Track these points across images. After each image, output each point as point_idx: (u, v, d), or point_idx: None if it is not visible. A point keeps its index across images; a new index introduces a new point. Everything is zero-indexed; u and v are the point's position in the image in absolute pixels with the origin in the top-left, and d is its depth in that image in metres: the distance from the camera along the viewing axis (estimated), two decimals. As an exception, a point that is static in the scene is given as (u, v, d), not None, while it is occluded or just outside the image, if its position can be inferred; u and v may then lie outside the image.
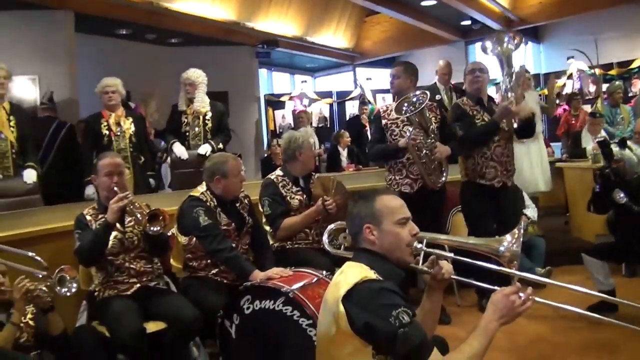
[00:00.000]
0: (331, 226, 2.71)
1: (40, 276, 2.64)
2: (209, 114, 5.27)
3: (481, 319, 1.84)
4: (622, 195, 4.01)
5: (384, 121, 4.27)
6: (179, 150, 5.17)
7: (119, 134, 4.88)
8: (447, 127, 4.29)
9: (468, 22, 9.97)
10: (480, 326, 1.80)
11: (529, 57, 11.07)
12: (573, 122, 7.62)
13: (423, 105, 3.94)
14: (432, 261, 2.06)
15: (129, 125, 4.92)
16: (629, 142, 4.23)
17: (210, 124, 5.27)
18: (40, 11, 6.36)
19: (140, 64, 7.99)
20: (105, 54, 7.59)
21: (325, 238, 2.62)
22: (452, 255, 2.17)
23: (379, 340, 1.75)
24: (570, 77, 9.48)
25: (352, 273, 1.88)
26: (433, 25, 9.79)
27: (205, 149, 5.13)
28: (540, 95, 9.20)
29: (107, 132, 4.85)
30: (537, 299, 1.89)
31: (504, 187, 4.37)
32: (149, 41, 8.57)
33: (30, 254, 2.57)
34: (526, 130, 4.31)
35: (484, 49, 4.16)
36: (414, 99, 3.98)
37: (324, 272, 3.18)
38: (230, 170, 3.48)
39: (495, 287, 1.93)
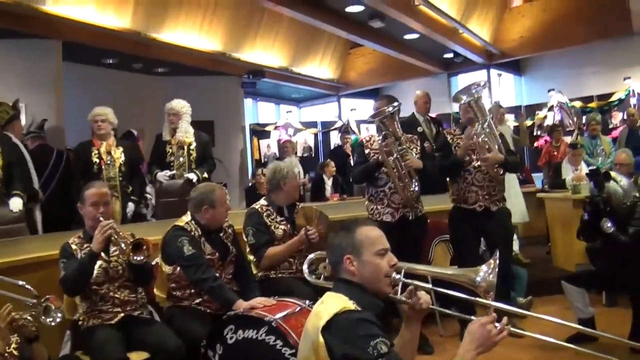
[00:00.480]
0: (311, 256, 2.74)
1: (31, 304, 2.64)
2: (194, 144, 5.34)
3: (459, 349, 1.88)
4: (609, 224, 4.07)
5: (366, 150, 4.35)
6: (161, 174, 5.30)
7: (109, 162, 4.91)
8: (427, 157, 4.39)
9: (450, 55, 10.20)
10: (457, 355, 1.84)
11: (510, 89, 11.33)
12: (554, 153, 7.76)
13: (394, 110, 4.11)
14: (410, 291, 2.10)
15: (119, 155, 4.96)
16: (612, 174, 4.30)
17: (194, 154, 5.33)
18: (28, 40, 6.41)
19: (127, 92, 8.04)
20: (91, 82, 7.64)
21: (305, 267, 2.65)
22: (429, 286, 2.22)
23: None
24: (551, 109, 9.69)
25: (332, 303, 1.92)
26: (416, 58, 10.01)
27: (192, 177, 5.19)
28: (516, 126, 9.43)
29: (97, 160, 4.89)
30: (512, 328, 1.94)
31: (487, 211, 4.44)
32: (135, 70, 8.63)
33: (20, 282, 2.58)
34: (506, 168, 4.44)
35: (457, 100, 4.46)
36: (389, 109, 4.12)
37: (307, 302, 3.21)
38: (217, 200, 3.53)
39: (472, 317, 1.98)
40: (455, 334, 4.53)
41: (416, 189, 4.20)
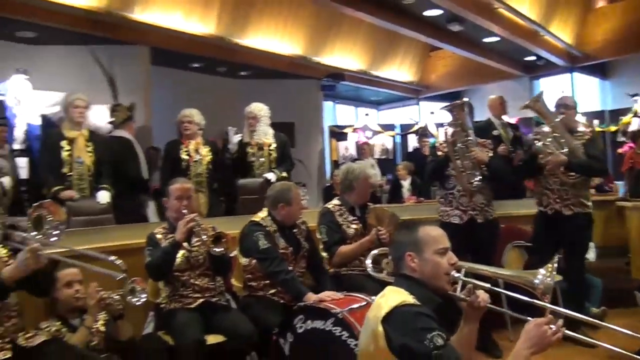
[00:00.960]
0: (374, 252, 2.87)
1: (119, 278, 2.88)
2: (273, 145, 5.56)
3: (514, 348, 1.95)
4: None
5: (439, 152, 4.43)
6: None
7: (197, 160, 5.22)
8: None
9: (532, 58, 9.99)
10: (512, 354, 1.93)
11: (594, 93, 10.96)
12: (638, 160, 7.49)
13: (465, 102, 4.21)
14: (469, 290, 2.18)
15: (206, 153, 5.26)
16: None
17: (274, 154, 5.55)
18: (118, 46, 6.86)
19: (211, 95, 8.42)
20: (178, 85, 8.06)
21: (368, 262, 2.77)
22: (487, 285, 2.27)
23: None
24: (636, 114, 9.30)
25: (392, 296, 2.04)
26: (496, 61, 9.88)
27: (270, 175, 5.43)
28: (604, 132, 9.13)
29: (186, 158, 5.20)
30: (583, 337, 2.01)
31: (559, 215, 4.41)
32: (219, 74, 9.02)
33: (111, 257, 2.81)
34: (575, 171, 4.39)
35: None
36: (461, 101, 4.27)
37: (373, 297, 3.33)
38: (293, 198, 3.74)
39: (529, 318, 2.04)
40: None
41: (479, 182, 4.19)
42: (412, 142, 10.87)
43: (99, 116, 6.47)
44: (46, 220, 2.64)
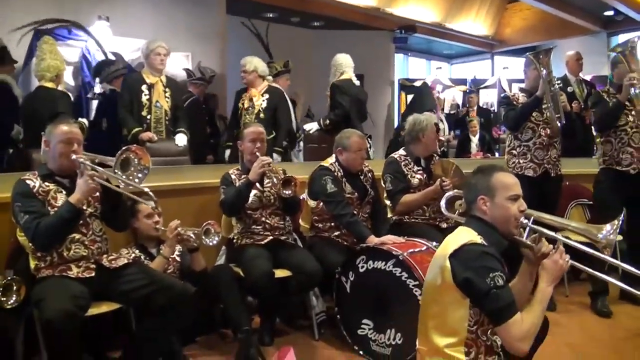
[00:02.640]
0: (450, 193, 2.97)
1: (150, 205, 3.16)
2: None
3: (539, 285, 2.12)
4: None
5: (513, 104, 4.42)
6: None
7: (249, 108, 5.35)
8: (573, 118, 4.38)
9: (611, 13, 9.59)
10: (538, 294, 2.10)
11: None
12: None
13: (550, 49, 4.20)
14: (535, 238, 2.25)
15: (260, 102, 5.32)
16: None
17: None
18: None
19: (284, 44, 8.55)
20: (253, 34, 8.22)
21: (443, 203, 2.86)
22: (553, 233, 2.31)
23: (474, 295, 2.04)
24: None
25: (462, 235, 2.17)
26: (574, 15, 9.51)
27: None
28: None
29: (241, 106, 5.38)
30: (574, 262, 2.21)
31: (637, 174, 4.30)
32: (293, 24, 9.12)
33: (145, 189, 2.94)
34: None
35: (613, 50, 4.36)
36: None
37: (434, 243, 3.49)
38: (351, 145, 3.88)
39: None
40: (580, 297, 4.56)
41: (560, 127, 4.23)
42: (484, 97, 10.71)
43: (176, 63, 6.78)
44: (133, 163, 2.84)
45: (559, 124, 4.20)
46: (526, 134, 4.32)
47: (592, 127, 4.92)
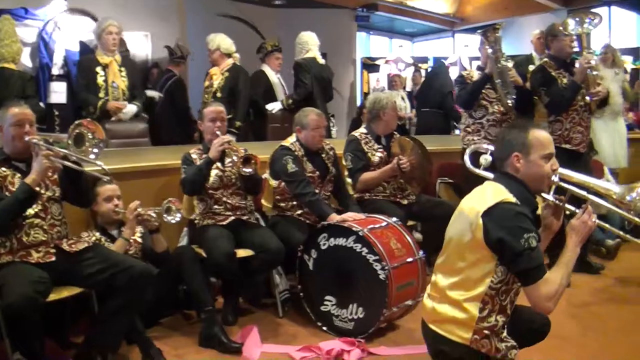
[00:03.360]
0: (473, 146, 2.99)
1: (105, 180, 3.12)
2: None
3: (567, 246, 2.14)
4: None
5: (468, 82, 4.47)
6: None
7: (208, 87, 5.33)
8: (527, 92, 4.44)
9: (571, -11, 9.75)
10: (567, 252, 2.13)
11: (632, 28, 10.67)
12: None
13: (499, 25, 4.32)
14: (562, 198, 2.28)
15: (219, 81, 5.28)
16: None
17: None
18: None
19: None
20: (213, 13, 8.09)
21: (467, 157, 2.86)
22: (584, 192, 2.37)
23: (505, 254, 2.03)
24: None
25: (493, 192, 2.14)
26: (535, -8, 9.65)
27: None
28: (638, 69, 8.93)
29: (207, 84, 5.33)
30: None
31: (584, 153, 4.46)
32: (254, 2, 9.01)
33: (99, 162, 2.87)
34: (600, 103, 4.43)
35: (565, 26, 4.31)
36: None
37: (394, 219, 3.56)
38: (309, 123, 3.89)
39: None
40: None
41: (511, 101, 4.28)
42: (445, 75, 10.78)
43: (135, 43, 6.66)
44: (88, 137, 2.81)
45: (508, 100, 4.27)
46: (479, 112, 4.39)
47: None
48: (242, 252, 3.55)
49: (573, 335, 3.43)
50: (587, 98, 4.31)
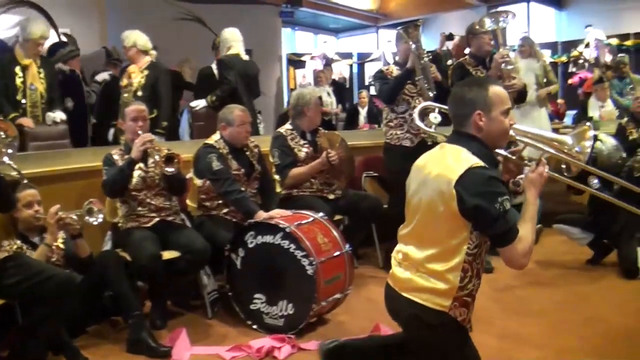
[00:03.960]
0: (422, 104, 2.94)
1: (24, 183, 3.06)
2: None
3: (528, 199, 2.15)
4: (596, 181, 4.33)
5: (388, 77, 4.54)
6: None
7: (127, 86, 5.13)
8: (446, 89, 4.56)
9: (490, -13, 10.11)
10: (528, 205, 2.14)
11: (550, 23, 11.15)
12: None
13: (419, 22, 4.42)
14: (516, 151, 2.32)
15: (139, 79, 5.08)
16: (600, 136, 4.59)
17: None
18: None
19: (168, 20, 8.27)
20: (135, 10, 7.88)
21: (416, 116, 2.82)
22: (541, 145, 2.42)
23: (481, 220, 2.02)
24: (587, 45, 9.55)
25: (457, 157, 2.08)
26: (455, -11, 9.95)
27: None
28: (556, 63, 9.35)
29: (125, 82, 5.18)
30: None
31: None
32: (177, -1, 8.82)
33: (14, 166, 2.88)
34: (520, 99, 4.66)
35: (482, 25, 4.52)
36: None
37: (320, 214, 3.59)
38: (234, 119, 3.86)
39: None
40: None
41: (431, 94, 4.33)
42: (370, 70, 10.95)
43: (55, 40, 6.44)
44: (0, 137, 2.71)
45: (430, 95, 4.37)
46: (402, 106, 4.46)
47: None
48: (167, 254, 3.48)
49: (495, 318, 3.57)
50: None
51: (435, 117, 2.88)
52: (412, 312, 2.11)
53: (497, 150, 2.22)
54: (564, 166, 5.84)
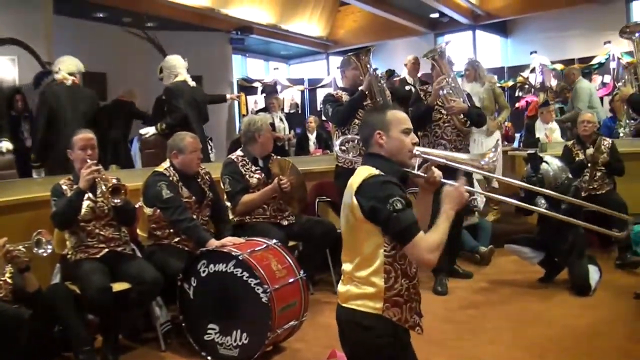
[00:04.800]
0: (343, 137, 3.04)
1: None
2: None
3: (443, 208, 2.24)
4: (543, 202, 4.51)
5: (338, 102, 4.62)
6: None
7: None
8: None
9: (437, 15, 10.40)
10: (443, 214, 2.23)
11: (496, 50, 11.52)
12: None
13: (371, 49, 4.63)
14: (427, 167, 2.41)
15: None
16: (546, 157, 4.78)
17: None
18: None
19: (116, 47, 8.21)
20: (82, 36, 7.79)
21: (336, 144, 2.93)
22: (443, 160, 2.48)
23: (379, 221, 2.15)
24: (532, 70, 9.90)
25: (362, 173, 2.26)
26: (403, 17, 10.19)
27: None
28: (503, 87, 9.64)
29: None
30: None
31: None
32: (125, 24, 8.75)
33: None
34: (472, 121, 4.79)
35: (425, 56, 4.83)
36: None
37: (274, 241, 3.58)
38: (186, 147, 3.84)
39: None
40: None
41: None
42: (321, 96, 11.04)
43: (2, 69, 6.31)
44: None
45: None
46: (353, 130, 4.47)
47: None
48: (118, 286, 3.40)
49: (449, 339, 3.61)
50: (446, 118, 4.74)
51: (353, 146, 3.21)
52: (350, 318, 2.24)
53: (408, 171, 2.37)
54: (496, 186, 6.06)
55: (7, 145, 4.71)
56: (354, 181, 2.25)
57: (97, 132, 3.87)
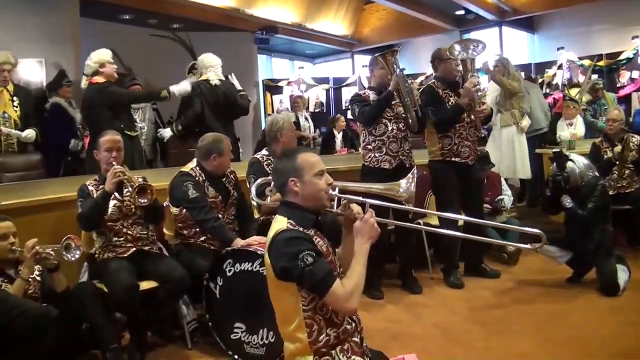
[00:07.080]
0: (259, 181, 3.14)
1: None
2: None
3: (355, 245, 2.23)
4: (569, 200, 4.47)
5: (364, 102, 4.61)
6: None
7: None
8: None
9: (462, 12, 10.29)
10: (357, 252, 2.21)
11: (523, 46, 11.36)
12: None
13: (396, 49, 4.55)
14: (345, 205, 2.39)
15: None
16: (572, 156, 4.68)
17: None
18: (48, -4, 6.68)
19: (143, 48, 8.29)
20: (108, 38, 7.87)
21: (253, 191, 2.96)
22: (360, 198, 2.42)
23: (292, 279, 2.12)
24: (560, 67, 9.74)
25: (273, 227, 2.25)
26: (428, 15, 10.10)
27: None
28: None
29: None
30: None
31: (472, 165, 4.83)
32: (151, 26, 8.85)
33: None
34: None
35: (451, 52, 4.64)
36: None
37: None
38: (225, 149, 3.87)
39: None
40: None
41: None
42: (346, 95, 11.03)
43: (29, 70, 6.39)
44: None
45: (414, 115, 4.47)
46: (379, 129, 4.52)
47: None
48: (145, 284, 3.44)
49: (477, 340, 3.56)
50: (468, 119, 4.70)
51: (270, 191, 3.21)
52: None
53: (328, 210, 2.35)
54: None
55: (31, 134, 4.76)
56: (269, 235, 2.23)
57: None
